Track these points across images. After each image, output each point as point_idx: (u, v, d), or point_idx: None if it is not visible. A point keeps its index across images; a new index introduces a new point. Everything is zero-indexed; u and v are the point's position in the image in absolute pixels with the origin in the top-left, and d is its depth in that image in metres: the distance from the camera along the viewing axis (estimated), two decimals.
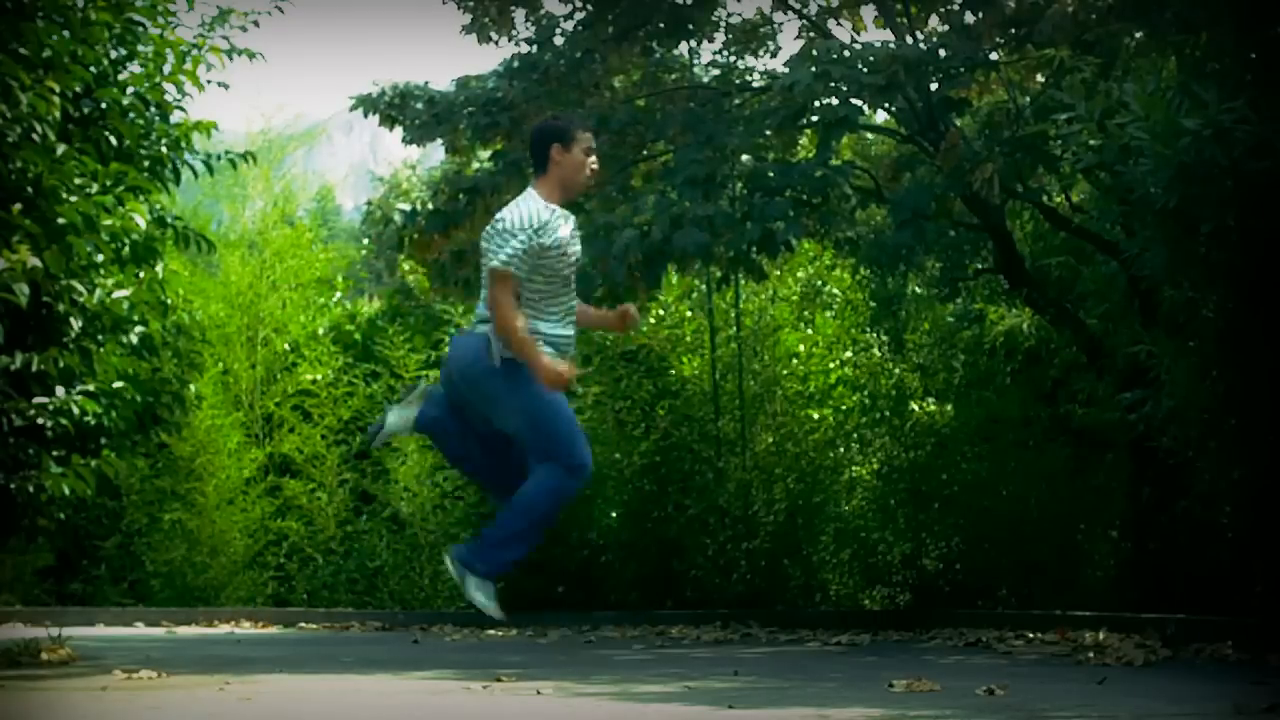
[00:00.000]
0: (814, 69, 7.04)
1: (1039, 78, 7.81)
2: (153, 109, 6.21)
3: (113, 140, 5.91)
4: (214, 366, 11.26)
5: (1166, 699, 4.08)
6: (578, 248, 4.96)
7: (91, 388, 5.65)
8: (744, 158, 7.90)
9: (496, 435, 4.87)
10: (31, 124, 5.17)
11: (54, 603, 10.96)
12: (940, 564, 8.84)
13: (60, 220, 5.22)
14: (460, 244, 8.35)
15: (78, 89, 5.63)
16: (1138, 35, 7.17)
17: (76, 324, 5.60)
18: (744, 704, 4.01)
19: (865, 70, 6.99)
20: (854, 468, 9.46)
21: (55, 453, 5.59)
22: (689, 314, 9.96)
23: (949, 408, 9.03)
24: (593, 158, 4.95)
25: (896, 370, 9.21)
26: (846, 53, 7.24)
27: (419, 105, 8.34)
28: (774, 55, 9.03)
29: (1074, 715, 3.69)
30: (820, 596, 9.30)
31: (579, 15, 8.37)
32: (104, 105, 5.95)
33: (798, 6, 8.79)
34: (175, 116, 6.35)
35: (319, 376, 11.37)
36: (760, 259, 7.65)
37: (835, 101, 7.20)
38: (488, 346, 4.66)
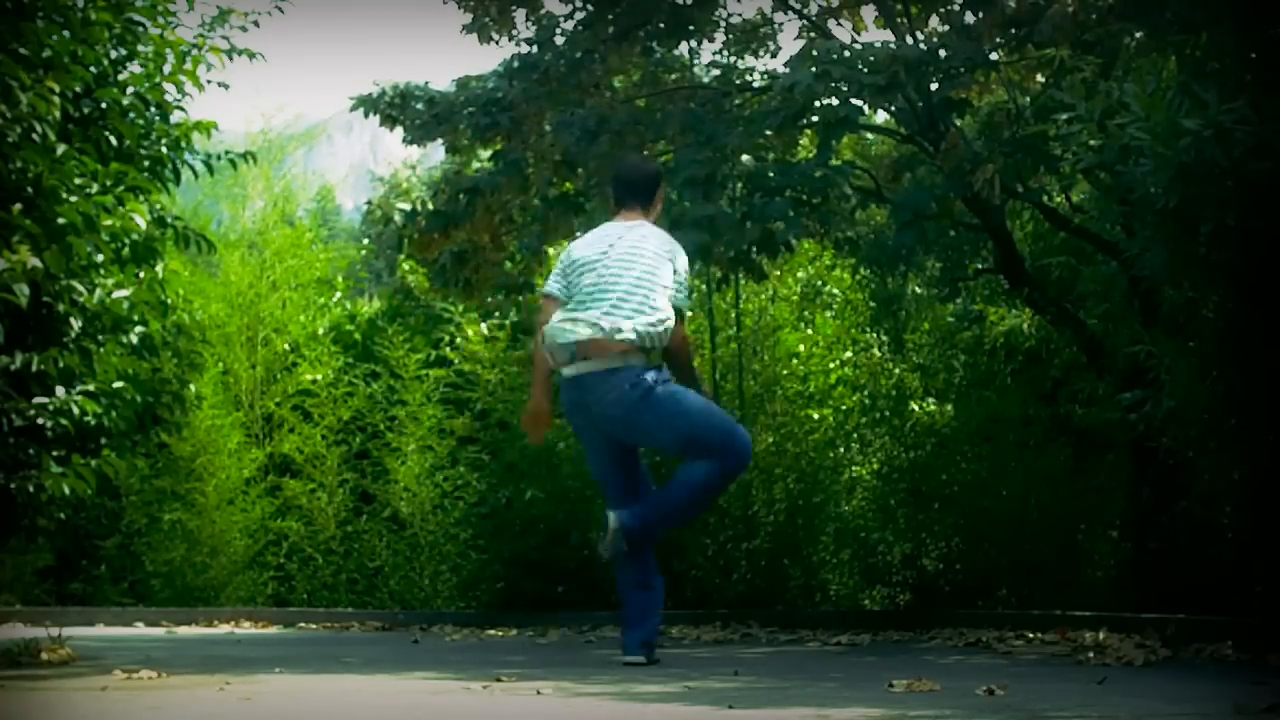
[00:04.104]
0: (814, 69, 7.04)
1: (1039, 78, 7.81)
2: (153, 109, 6.21)
3: (113, 140, 5.91)
4: (214, 366, 11.27)
5: (1166, 699, 4.08)
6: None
7: (91, 388, 5.65)
8: (744, 158, 7.90)
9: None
10: (31, 124, 5.16)
11: (54, 603, 10.96)
12: (940, 564, 8.84)
13: (60, 220, 5.22)
14: (460, 244, 8.35)
15: (78, 89, 5.63)
16: (1138, 35, 7.17)
17: (76, 324, 5.60)
18: (744, 704, 4.01)
19: (865, 70, 6.99)
20: (854, 468, 9.46)
21: (55, 453, 5.59)
22: (689, 314, 9.96)
23: (949, 408, 9.03)
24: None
25: (896, 370, 9.21)
26: (847, 53, 7.23)
27: (419, 105, 8.34)
28: (774, 55, 9.04)
29: (1074, 715, 3.69)
30: (820, 596, 9.30)
31: (579, 15, 8.38)
32: (104, 105, 5.95)
33: (798, 6, 8.79)
34: (175, 116, 6.35)
35: (319, 376, 11.38)
36: (760, 259, 7.64)
37: (835, 102, 7.20)
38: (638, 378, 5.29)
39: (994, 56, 7.63)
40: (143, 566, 11.02)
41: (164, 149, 6.25)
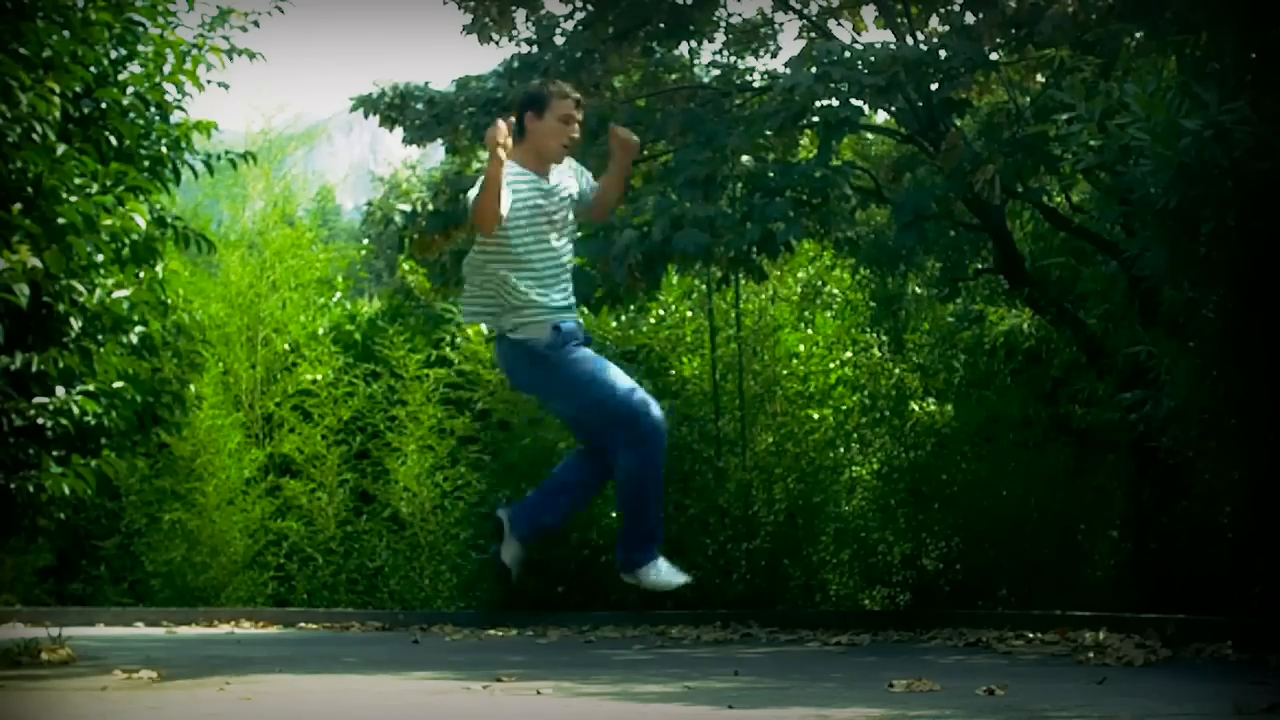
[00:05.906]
0: (814, 70, 7.04)
1: (1039, 78, 7.81)
2: (153, 109, 6.21)
3: (113, 140, 5.91)
4: (214, 366, 11.27)
5: (1166, 699, 4.08)
6: (555, 200, 4.81)
7: (91, 388, 5.65)
8: (744, 158, 7.90)
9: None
10: (31, 124, 5.17)
11: (54, 603, 10.96)
12: (940, 564, 8.84)
13: (60, 220, 5.22)
14: (460, 244, 8.35)
15: (78, 89, 5.63)
16: (1138, 35, 7.17)
17: (76, 324, 5.61)
18: (744, 704, 4.01)
19: (866, 71, 6.99)
20: (854, 468, 9.45)
21: (55, 453, 5.59)
22: (689, 314, 9.96)
23: (949, 408, 9.03)
24: (572, 125, 4.86)
25: (896, 370, 9.21)
26: (847, 53, 7.24)
27: (419, 105, 8.34)
28: (774, 55, 9.05)
29: (1074, 715, 3.69)
30: (820, 596, 9.30)
31: (579, 15, 8.38)
32: (104, 105, 5.95)
33: (798, 7, 8.79)
34: (175, 116, 6.36)
35: (319, 376, 11.37)
36: (760, 259, 7.64)
37: (835, 103, 7.20)
38: (506, 342, 4.69)
39: (994, 57, 7.63)
40: (143, 566, 11.02)
41: (164, 149, 6.26)
